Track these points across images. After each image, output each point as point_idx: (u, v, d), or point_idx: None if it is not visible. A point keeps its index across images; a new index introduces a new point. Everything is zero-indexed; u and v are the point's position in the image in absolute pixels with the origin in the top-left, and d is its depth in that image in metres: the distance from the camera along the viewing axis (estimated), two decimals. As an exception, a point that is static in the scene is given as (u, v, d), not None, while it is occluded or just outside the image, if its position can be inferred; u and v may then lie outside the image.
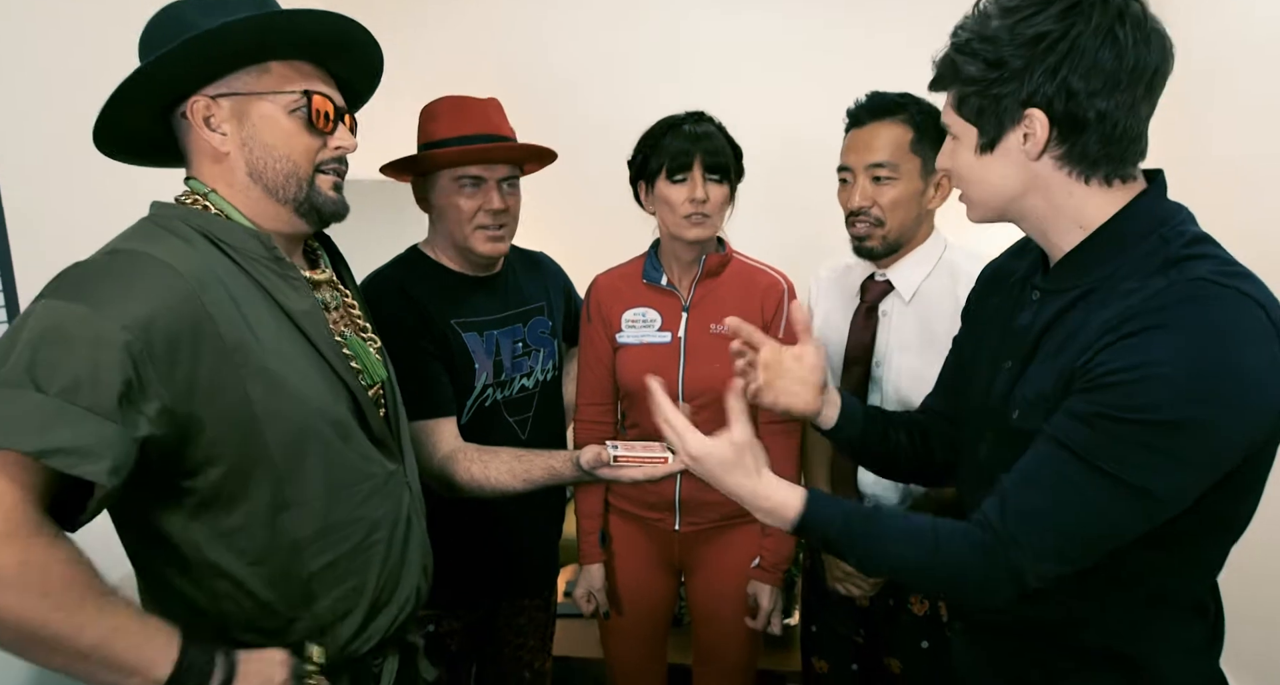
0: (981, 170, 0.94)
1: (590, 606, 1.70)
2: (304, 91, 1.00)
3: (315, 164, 1.03)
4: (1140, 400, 0.79)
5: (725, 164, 1.52)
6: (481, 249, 1.49)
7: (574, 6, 2.90)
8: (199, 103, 0.97)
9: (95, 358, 0.79)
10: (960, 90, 0.92)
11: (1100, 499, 0.82)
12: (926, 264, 1.50)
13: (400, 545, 1.10)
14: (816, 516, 0.96)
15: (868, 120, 1.46)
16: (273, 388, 0.93)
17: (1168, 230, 0.87)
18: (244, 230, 0.98)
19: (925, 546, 0.90)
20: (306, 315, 1.00)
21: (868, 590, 1.51)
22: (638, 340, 1.61)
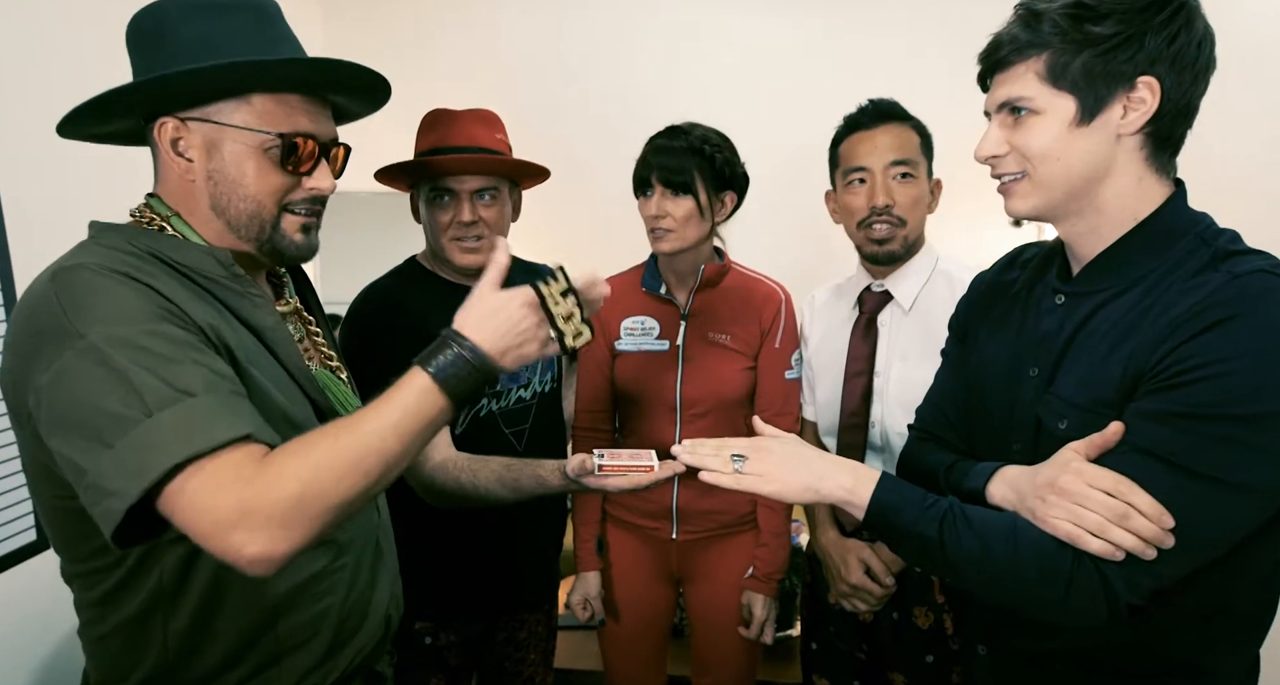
0: (1069, 145, 0.87)
1: (586, 614, 1.69)
2: (279, 134, 0.92)
3: (282, 205, 0.96)
4: (1224, 395, 0.76)
5: (685, 180, 1.50)
6: (458, 261, 1.50)
7: (577, 17, 2.91)
8: (168, 124, 0.91)
9: (192, 355, 0.80)
10: (1057, 57, 0.85)
11: (1201, 504, 0.78)
12: (923, 273, 1.51)
13: (368, 571, 1.06)
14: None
15: (875, 123, 1.46)
16: (256, 396, 0.89)
17: (1203, 229, 0.86)
18: (198, 249, 0.92)
19: (1008, 549, 0.84)
20: (273, 332, 0.96)
21: (873, 605, 1.49)
22: (636, 348, 1.61)
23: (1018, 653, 1.03)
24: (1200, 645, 0.89)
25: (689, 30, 2.88)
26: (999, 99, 0.91)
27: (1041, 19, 0.86)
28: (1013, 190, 0.93)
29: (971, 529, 0.86)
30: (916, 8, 2.72)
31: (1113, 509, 0.79)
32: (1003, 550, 0.84)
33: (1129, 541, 0.78)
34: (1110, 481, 0.80)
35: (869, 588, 1.46)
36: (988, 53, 0.92)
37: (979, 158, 0.95)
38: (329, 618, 0.99)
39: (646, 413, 1.61)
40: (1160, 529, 0.77)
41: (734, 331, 1.59)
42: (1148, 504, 0.78)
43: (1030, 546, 0.83)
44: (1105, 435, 0.83)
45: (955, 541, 0.86)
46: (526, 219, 1.63)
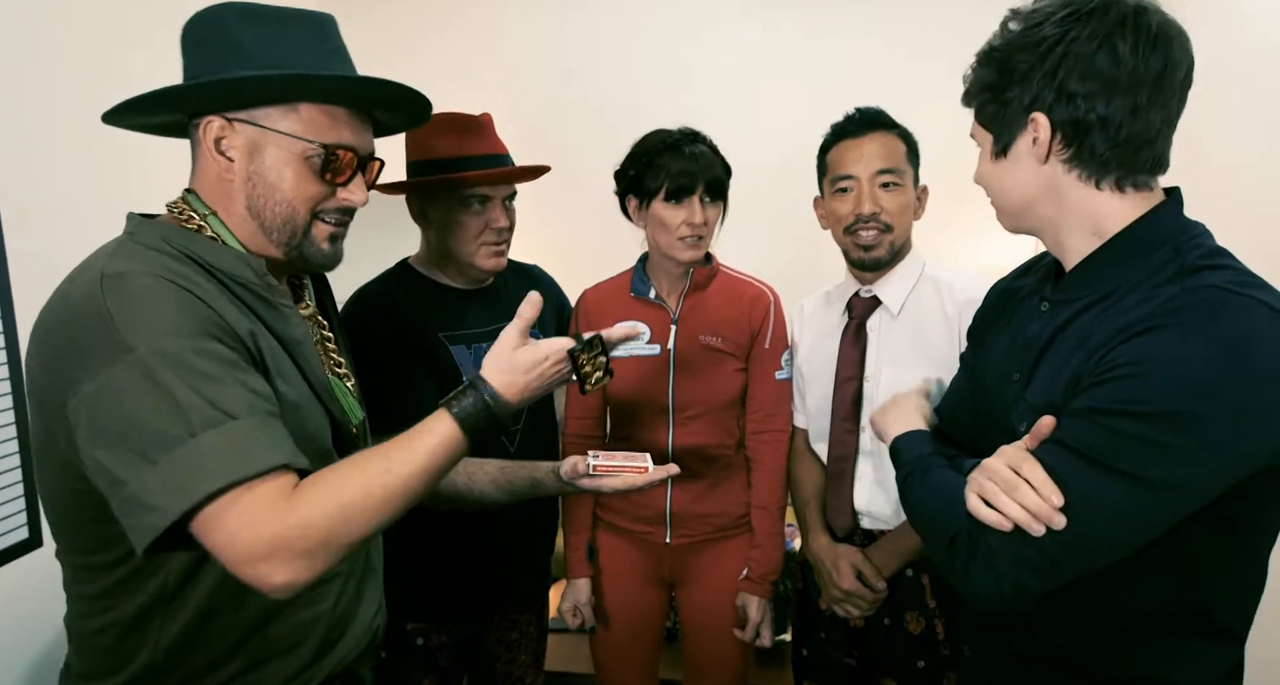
0: (999, 176, 0.96)
1: (576, 621, 1.69)
2: (322, 145, 0.95)
3: (314, 212, 0.98)
4: (1138, 393, 0.78)
5: (724, 186, 1.54)
6: (485, 265, 1.50)
7: (572, 19, 2.92)
8: (214, 124, 0.93)
9: (234, 375, 0.82)
10: (979, 99, 0.96)
11: (1105, 496, 0.80)
12: (910, 278, 1.52)
13: (356, 580, 1.08)
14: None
15: (862, 131, 1.47)
16: (284, 413, 0.90)
17: (1183, 241, 0.87)
18: (233, 254, 0.94)
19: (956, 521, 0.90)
20: (298, 345, 0.98)
21: (865, 610, 1.49)
22: (627, 353, 1.60)
23: (998, 654, 1.05)
24: (1168, 655, 0.89)
25: (685, 33, 2.89)
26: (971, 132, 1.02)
27: (977, 61, 0.96)
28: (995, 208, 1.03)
29: (924, 481, 0.99)
30: (913, 11, 2.72)
31: (1007, 481, 0.84)
32: (924, 503, 0.98)
33: (1014, 511, 0.83)
34: (1017, 459, 0.85)
35: (861, 593, 1.46)
36: (964, 93, 1.01)
37: (976, 180, 1.04)
38: (318, 624, 1.01)
39: (639, 418, 1.61)
40: (1048, 506, 0.81)
41: (724, 333, 1.59)
42: (1040, 480, 0.82)
43: (940, 503, 0.94)
44: (1038, 428, 0.87)
45: (910, 487, 1.01)
46: (522, 219, 1.63)
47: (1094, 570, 0.84)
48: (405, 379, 1.41)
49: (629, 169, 1.57)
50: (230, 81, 0.89)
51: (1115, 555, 0.84)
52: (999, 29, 0.94)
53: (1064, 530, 0.81)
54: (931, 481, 0.98)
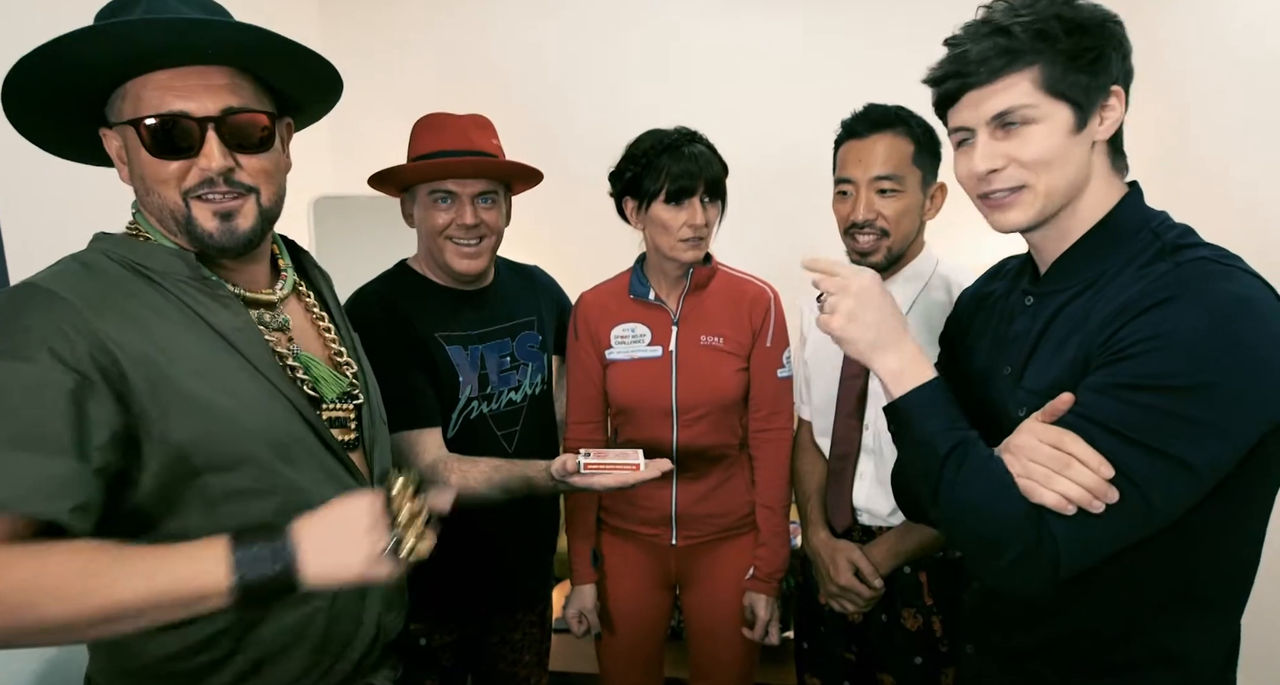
0: (1067, 152, 0.90)
1: (581, 627, 1.69)
2: (131, 121, 0.89)
3: (184, 192, 0.91)
4: (1161, 367, 0.79)
5: (722, 185, 1.53)
6: (456, 265, 1.50)
7: (564, 19, 2.92)
8: (105, 134, 0.94)
9: (34, 401, 0.78)
10: (1050, 69, 0.88)
11: (1141, 472, 0.80)
12: (921, 278, 1.50)
13: None
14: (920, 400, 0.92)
15: (867, 132, 1.44)
16: (194, 411, 0.87)
17: (1157, 225, 0.90)
18: (166, 251, 0.93)
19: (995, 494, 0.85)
20: (239, 332, 0.94)
21: (861, 607, 1.50)
22: (628, 356, 1.61)
23: (1000, 650, 1.05)
24: (1173, 632, 0.90)
25: (678, 31, 2.88)
26: (991, 111, 0.91)
27: (1019, 32, 0.87)
28: (1011, 203, 0.93)
29: (969, 463, 0.87)
30: (911, 6, 2.72)
31: (1055, 458, 0.81)
32: (971, 489, 0.86)
33: (1074, 491, 0.80)
34: (1054, 435, 0.83)
35: (857, 589, 1.47)
36: (956, 72, 0.92)
37: (977, 173, 0.93)
38: (313, 624, 0.97)
39: (642, 420, 1.61)
40: (1102, 480, 0.79)
41: (726, 333, 1.59)
42: (1087, 453, 0.80)
43: (989, 501, 0.84)
44: (1055, 403, 0.85)
45: (954, 467, 0.87)
46: (515, 221, 1.63)
47: (1126, 548, 0.83)
48: (400, 376, 1.41)
49: (625, 170, 1.55)
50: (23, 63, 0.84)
51: (1152, 530, 0.83)
52: (1022, 6, 0.90)
53: (1112, 507, 0.79)
54: (983, 472, 0.86)
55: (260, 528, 0.83)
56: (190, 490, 0.88)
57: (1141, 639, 0.91)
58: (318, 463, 0.98)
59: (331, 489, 0.96)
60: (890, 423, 0.97)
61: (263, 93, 0.97)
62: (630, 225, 1.60)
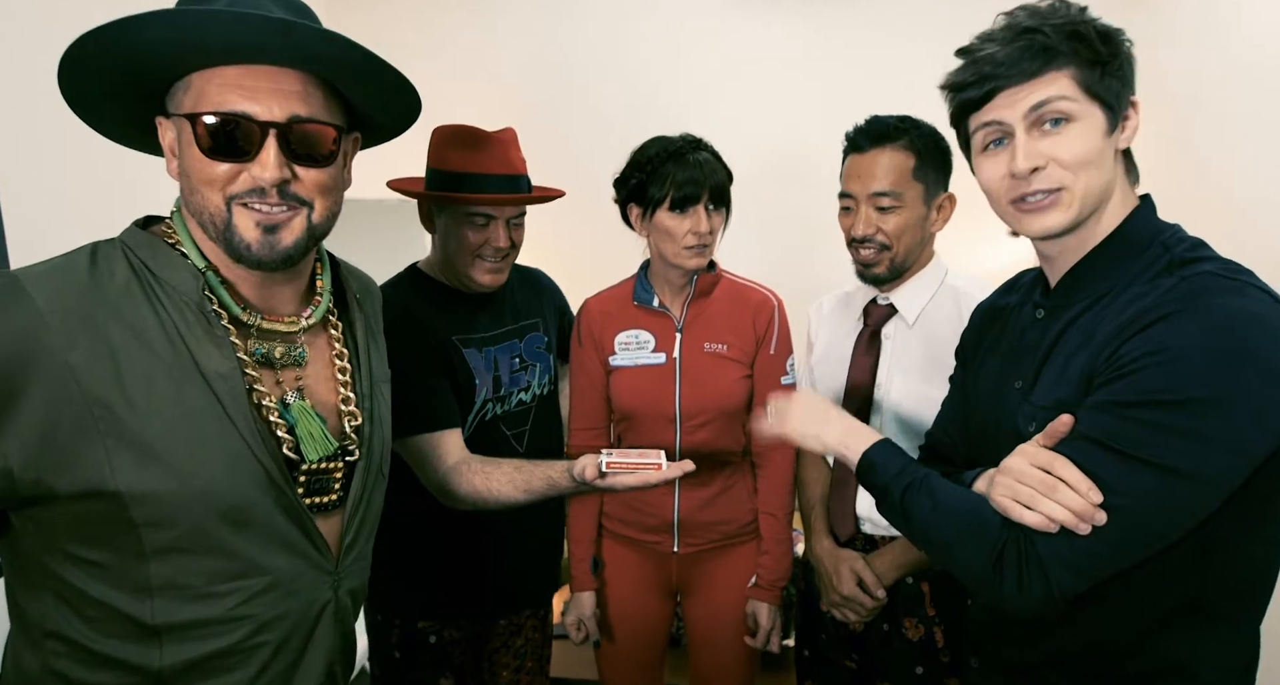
0: (1104, 154, 0.90)
1: (580, 635, 1.68)
2: (188, 115, 0.83)
3: (228, 197, 0.85)
4: (1164, 382, 0.79)
5: (727, 193, 1.53)
6: (480, 280, 1.51)
7: (571, 23, 2.92)
8: (161, 123, 0.88)
9: None
10: (1088, 67, 0.88)
11: (1144, 490, 0.79)
12: (929, 288, 1.50)
13: (294, 651, 0.92)
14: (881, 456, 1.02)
15: (868, 147, 1.44)
16: (144, 461, 0.79)
17: (1168, 237, 0.90)
18: (185, 266, 0.86)
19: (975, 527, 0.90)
20: (222, 379, 0.85)
21: (864, 616, 1.49)
22: (632, 362, 1.60)
23: (1006, 664, 1.04)
24: (1185, 645, 0.89)
25: (684, 37, 2.89)
26: (1031, 102, 0.89)
27: (1051, 32, 0.87)
28: (1049, 205, 0.91)
29: (932, 496, 0.94)
30: (918, 13, 2.72)
31: (1043, 482, 0.83)
32: (948, 519, 0.92)
33: (1059, 513, 0.81)
34: (1045, 458, 0.84)
35: (860, 599, 1.47)
36: (987, 75, 0.90)
37: (1019, 172, 0.90)
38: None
39: (646, 427, 1.61)
40: (1089, 503, 0.80)
41: (730, 340, 1.59)
42: (1076, 478, 0.81)
43: (970, 517, 0.90)
44: (1055, 426, 0.87)
45: (914, 503, 0.95)
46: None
47: (1132, 565, 0.84)
48: (421, 379, 1.43)
49: (630, 177, 1.55)
50: (87, 38, 0.79)
51: (1156, 548, 0.83)
52: (1063, 7, 0.90)
53: (1107, 526, 0.80)
54: (943, 494, 0.94)
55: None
56: (120, 536, 0.81)
57: (1151, 652, 0.90)
58: (272, 530, 0.88)
59: (281, 558, 0.89)
60: (864, 484, 1.06)
61: (335, 104, 0.90)
62: (635, 232, 1.60)
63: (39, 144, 1.65)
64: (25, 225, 1.58)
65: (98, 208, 1.63)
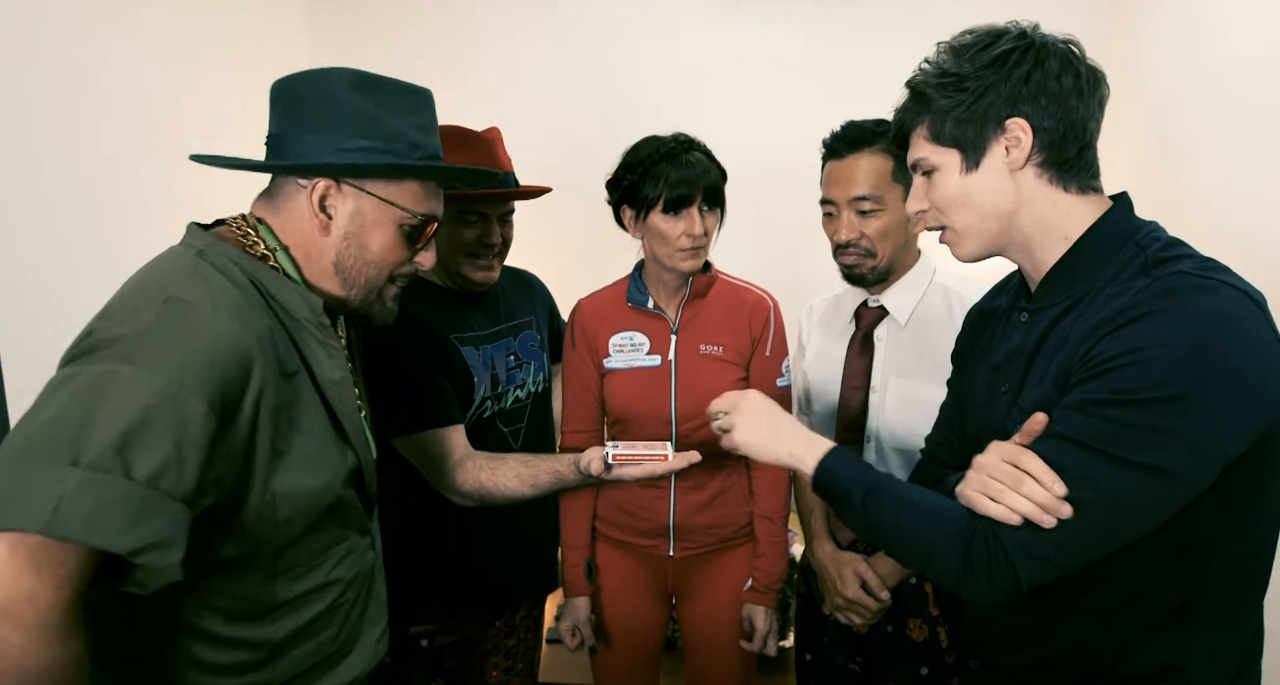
0: (969, 192, 0.96)
1: (575, 641, 1.66)
2: (424, 216, 1.01)
3: (393, 274, 1.03)
4: (1134, 382, 0.80)
5: (721, 193, 1.51)
6: (473, 277, 1.51)
7: (558, 21, 2.90)
8: (322, 184, 0.97)
9: (181, 439, 0.76)
10: (934, 122, 0.97)
11: (1111, 485, 0.81)
12: (919, 288, 1.50)
13: (361, 604, 1.09)
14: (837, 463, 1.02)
15: (845, 152, 1.44)
16: (294, 465, 0.91)
17: (1142, 237, 0.91)
18: (297, 291, 0.96)
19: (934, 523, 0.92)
20: (336, 386, 0.98)
21: (868, 619, 1.48)
22: (627, 365, 1.58)
23: (1003, 667, 1.05)
24: (1177, 647, 0.90)
25: (675, 36, 2.87)
26: (909, 162, 1.03)
27: (919, 91, 0.98)
28: (948, 241, 1.03)
29: (894, 497, 0.96)
30: (909, 17, 2.73)
31: (1010, 475, 0.86)
32: (914, 517, 0.94)
33: (1023, 505, 0.84)
34: (1012, 453, 0.87)
35: (864, 602, 1.46)
36: (894, 131, 1.04)
37: (909, 214, 1.06)
38: (323, 651, 1.02)
39: (641, 430, 1.59)
40: (1054, 496, 0.83)
41: (725, 342, 1.57)
42: (1041, 470, 0.84)
43: (936, 514, 0.92)
44: (1030, 424, 0.89)
45: (875, 504, 0.96)
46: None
47: (1101, 559, 0.86)
48: (424, 376, 1.42)
49: (623, 179, 1.52)
50: (376, 167, 0.96)
51: (1121, 542, 0.85)
52: (928, 66, 0.98)
53: (1074, 520, 0.82)
54: (905, 494, 0.97)
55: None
56: (267, 541, 0.91)
57: (1141, 653, 0.91)
58: (355, 517, 1.04)
59: (356, 529, 1.05)
60: (821, 494, 1.05)
61: None
62: (629, 234, 1.58)
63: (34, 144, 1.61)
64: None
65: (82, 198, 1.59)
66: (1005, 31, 0.94)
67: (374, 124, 0.96)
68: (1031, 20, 0.96)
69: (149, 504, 0.73)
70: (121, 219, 1.95)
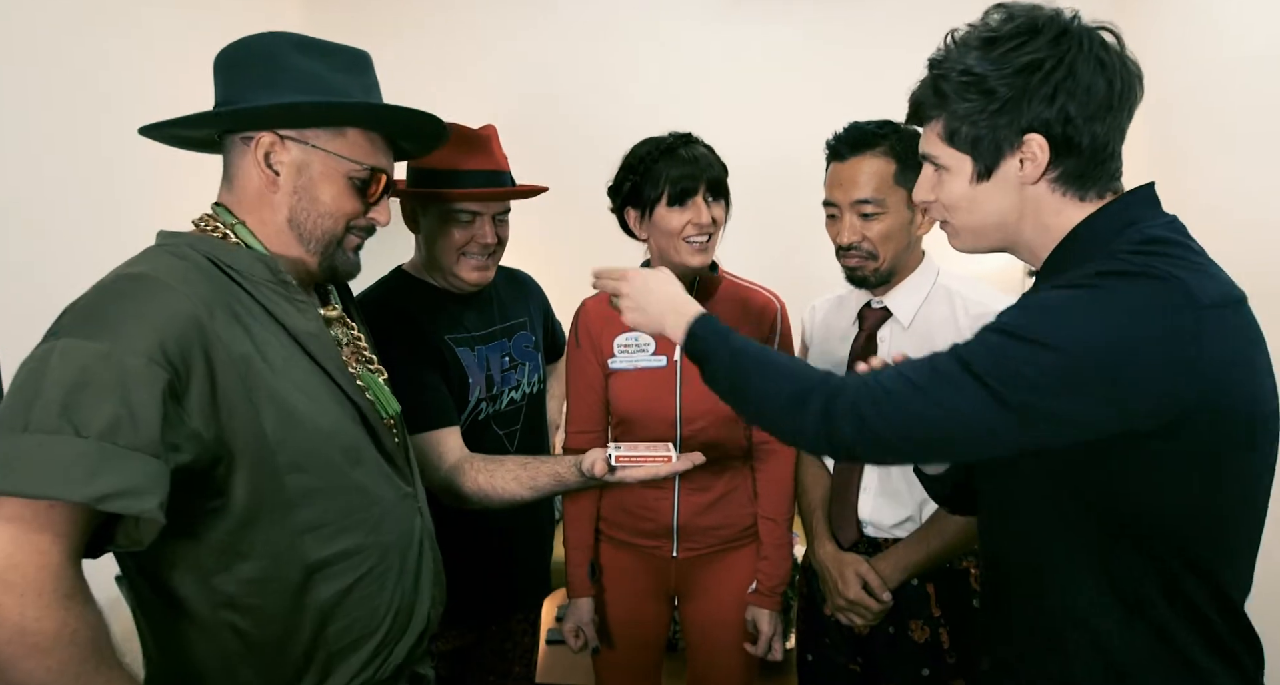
0: (978, 199, 0.96)
1: (579, 642, 1.65)
2: (371, 167, 1.03)
3: (348, 226, 1.05)
4: (1023, 321, 0.84)
5: (725, 185, 1.51)
6: (468, 277, 1.50)
7: (557, 20, 2.90)
8: (265, 138, 0.98)
9: (128, 395, 0.79)
10: (950, 122, 0.94)
11: (954, 389, 0.84)
12: (922, 289, 1.49)
13: (413, 573, 1.11)
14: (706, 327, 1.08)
15: (848, 154, 1.43)
16: (283, 413, 0.93)
17: (1132, 231, 0.89)
18: (250, 254, 0.98)
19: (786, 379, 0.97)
20: (313, 337, 1.00)
21: (870, 620, 1.48)
22: (632, 365, 1.58)
23: (1010, 665, 1.04)
24: (1169, 621, 0.88)
25: (674, 36, 2.87)
26: (920, 151, 1.02)
27: (940, 83, 0.95)
28: (947, 231, 1.04)
29: (752, 354, 1.02)
30: (909, 17, 2.72)
31: None
32: (766, 365, 1.00)
33: None
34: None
35: (866, 603, 1.45)
36: (910, 110, 1.02)
37: (916, 201, 1.06)
38: (379, 616, 1.05)
39: (645, 431, 1.58)
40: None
41: None
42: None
43: (790, 366, 0.99)
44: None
45: (736, 361, 1.02)
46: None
47: (921, 458, 0.95)
48: (418, 377, 1.41)
49: (624, 181, 1.52)
50: (307, 105, 0.97)
51: (950, 454, 0.92)
52: (952, 49, 0.94)
53: (913, 404, 0.86)
54: (765, 355, 1.02)
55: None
56: (273, 492, 0.93)
57: (1136, 633, 0.89)
58: (377, 467, 1.06)
59: (389, 490, 1.07)
60: (693, 357, 1.09)
61: None
62: (635, 238, 1.57)
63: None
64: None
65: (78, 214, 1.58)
66: (1042, 26, 0.89)
67: (317, 81, 0.99)
68: (1073, 8, 0.92)
69: (106, 456, 0.76)
70: (121, 219, 1.95)
